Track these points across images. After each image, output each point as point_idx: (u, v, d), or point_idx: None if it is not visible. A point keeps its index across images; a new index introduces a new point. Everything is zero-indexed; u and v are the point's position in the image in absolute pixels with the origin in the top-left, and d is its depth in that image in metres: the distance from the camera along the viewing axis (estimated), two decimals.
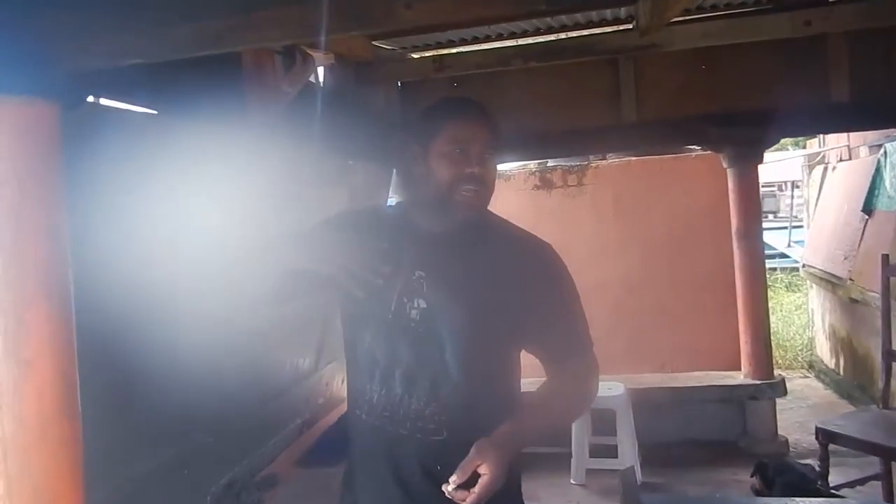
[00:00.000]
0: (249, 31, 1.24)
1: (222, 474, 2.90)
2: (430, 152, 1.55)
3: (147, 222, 2.03)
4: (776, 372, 5.02)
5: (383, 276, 1.49)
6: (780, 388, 4.70)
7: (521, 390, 1.69)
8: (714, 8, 3.81)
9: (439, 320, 1.56)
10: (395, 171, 3.49)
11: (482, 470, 1.36)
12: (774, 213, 19.11)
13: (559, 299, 1.64)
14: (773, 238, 12.55)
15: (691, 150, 5.38)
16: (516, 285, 1.58)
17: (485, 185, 1.55)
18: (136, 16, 1.28)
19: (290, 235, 1.61)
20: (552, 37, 4.02)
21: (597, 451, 4.42)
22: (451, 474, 1.37)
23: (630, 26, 3.79)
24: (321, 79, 3.37)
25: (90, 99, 1.81)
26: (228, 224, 2.36)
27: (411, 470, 1.56)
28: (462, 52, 3.78)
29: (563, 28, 3.97)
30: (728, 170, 4.60)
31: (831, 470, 3.51)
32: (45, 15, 1.30)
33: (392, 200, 3.54)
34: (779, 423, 4.79)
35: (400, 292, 1.58)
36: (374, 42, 3.65)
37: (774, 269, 11.00)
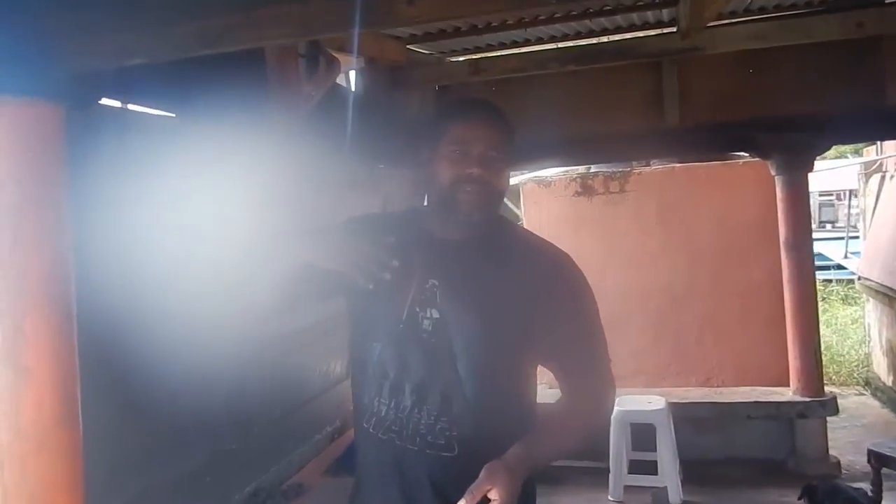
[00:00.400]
0: (249, 30, 1.20)
1: (247, 482, 2.87)
2: (435, 154, 1.50)
3: (166, 227, 2.01)
4: (830, 389, 4.81)
5: (391, 269, 1.42)
6: (832, 406, 4.49)
7: (537, 404, 1.62)
8: (762, 10, 3.67)
9: (452, 331, 1.49)
10: None
11: (492, 495, 1.30)
12: (833, 222, 18.60)
13: (577, 313, 1.56)
14: (830, 249, 12.16)
15: (738, 157, 5.21)
16: (533, 297, 1.51)
17: (488, 187, 1.48)
18: (137, 15, 1.25)
19: (296, 232, 1.56)
20: (593, 41, 3.93)
21: (636, 467, 4.28)
22: (462, 492, 1.31)
23: (673, 29, 3.68)
24: (352, 82, 3.34)
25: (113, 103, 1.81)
26: (248, 229, 2.33)
27: (421, 487, 1.50)
28: (498, 56, 3.71)
29: (604, 31, 3.88)
30: (776, 177, 4.43)
31: (885, 495, 3.34)
32: (46, 15, 1.28)
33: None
34: (830, 443, 4.58)
35: (412, 301, 1.52)
36: (409, 46, 3.61)
37: (830, 280, 10.65)
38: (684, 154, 5.04)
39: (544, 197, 5.31)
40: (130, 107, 1.91)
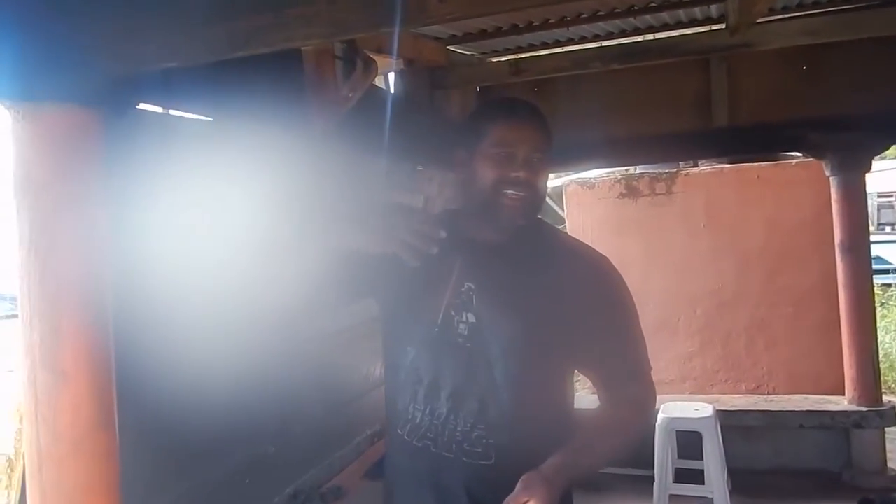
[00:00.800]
0: (278, 31, 1.18)
1: (286, 485, 2.87)
2: (475, 155, 1.47)
3: (204, 230, 2.01)
4: (888, 398, 4.61)
5: (438, 242, 1.41)
6: (890, 417, 4.30)
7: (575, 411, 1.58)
8: (816, 4, 3.54)
9: (489, 337, 1.46)
10: None
11: None
12: (892, 224, 18.05)
13: (616, 318, 1.51)
14: (890, 252, 11.76)
15: (791, 157, 5.06)
16: (572, 302, 1.46)
17: (532, 190, 1.45)
18: (168, 18, 1.25)
19: (341, 217, 1.57)
20: (637, 39, 3.85)
21: (681, 476, 4.17)
22: (500, 502, 1.28)
23: (722, 26, 3.58)
24: (391, 84, 3.33)
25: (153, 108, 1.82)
26: (286, 232, 2.33)
27: (456, 496, 1.47)
28: (538, 56, 3.66)
29: (649, 29, 3.79)
30: (831, 178, 4.27)
31: None
32: (80, 21, 1.28)
33: None
34: (888, 455, 4.41)
35: (447, 305, 1.49)
36: (449, 47, 3.59)
37: (889, 285, 10.29)
38: (733, 154, 4.91)
39: (588, 199, 5.23)
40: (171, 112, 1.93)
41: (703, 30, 3.75)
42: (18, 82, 1.23)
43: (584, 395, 3.24)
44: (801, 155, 4.80)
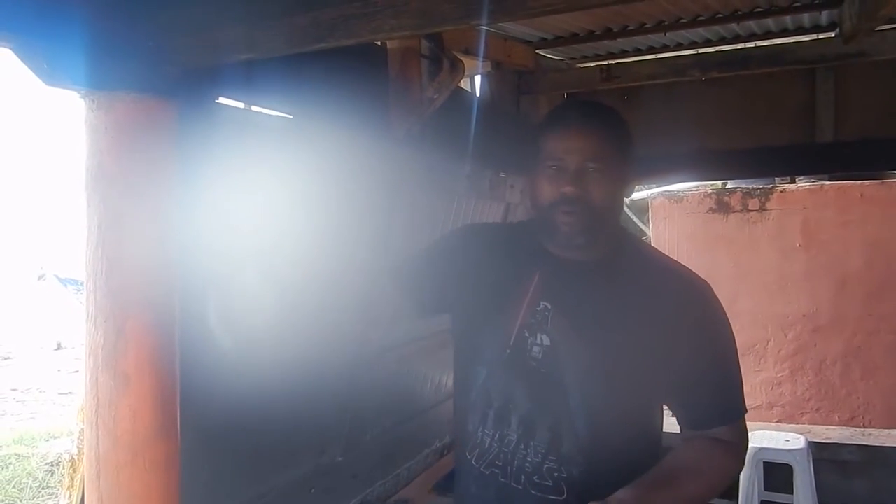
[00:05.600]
0: (365, 21, 1.09)
1: (353, 495, 2.80)
2: (536, 170, 1.35)
3: (279, 232, 1.95)
4: None
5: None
6: None
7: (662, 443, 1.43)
8: None
9: (564, 361, 1.34)
10: None
11: None
12: None
13: (711, 350, 1.36)
14: None
15: None
16: (661, 326, 1.32)
17: (584, 206, 1.30)
18: (249, 8, 1.17)
19: (418, 255, 1.59)
20: (738, 46, 3.64)
21: None
22: None
23: (832, 34, 3.33)
24: (477, 87, 3.23)
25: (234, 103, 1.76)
26: (365, 235, 2.26)
27: None
28: (632, 62, 3.49)
29: (751, 37, 3.57)
30: None
31: None
32: (159, 11, 1.23)
33: None
34: None
35: (521, 325, 1.37)
36: (539, 51, 3.46)
37: None
38: (838, 171, 4.60)
39: (675, 213, 5.02)
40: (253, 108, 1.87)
41: (809, 38, 3.50)
42: (94, 70, 1.18)
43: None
44: None
